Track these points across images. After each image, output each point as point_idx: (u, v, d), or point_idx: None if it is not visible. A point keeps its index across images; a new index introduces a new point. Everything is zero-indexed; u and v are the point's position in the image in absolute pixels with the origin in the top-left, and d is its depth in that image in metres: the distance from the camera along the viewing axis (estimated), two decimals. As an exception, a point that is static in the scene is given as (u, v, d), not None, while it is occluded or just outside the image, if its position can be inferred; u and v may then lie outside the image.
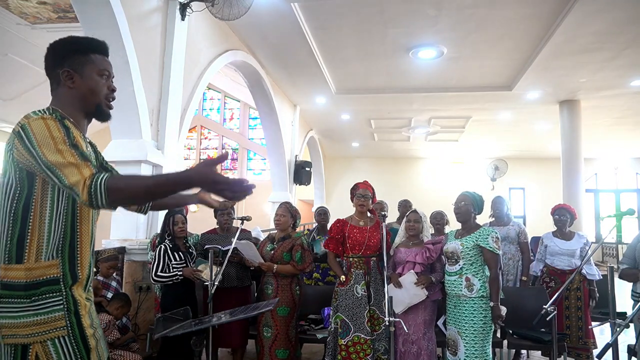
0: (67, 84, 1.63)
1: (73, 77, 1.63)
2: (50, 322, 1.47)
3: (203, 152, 18.26)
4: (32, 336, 1.45)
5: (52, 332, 1.47)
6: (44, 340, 1.46)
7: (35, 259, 1.48)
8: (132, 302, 4.07)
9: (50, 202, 1.51)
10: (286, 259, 3.78)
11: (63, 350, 1.48)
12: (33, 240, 1.49)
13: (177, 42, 4.83)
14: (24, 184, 1.49)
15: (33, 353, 1.45)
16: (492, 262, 3.32)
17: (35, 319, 1.46)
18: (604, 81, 7.97)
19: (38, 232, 1.49)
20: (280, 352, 3.70)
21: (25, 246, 1.48)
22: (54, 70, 1.66)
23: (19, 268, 1.47)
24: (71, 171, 1.40)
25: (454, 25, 6.22)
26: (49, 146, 1.43)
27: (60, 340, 1.48)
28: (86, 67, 1.65)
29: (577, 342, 4.15)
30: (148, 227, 4.58)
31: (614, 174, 15.61)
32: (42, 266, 1.49)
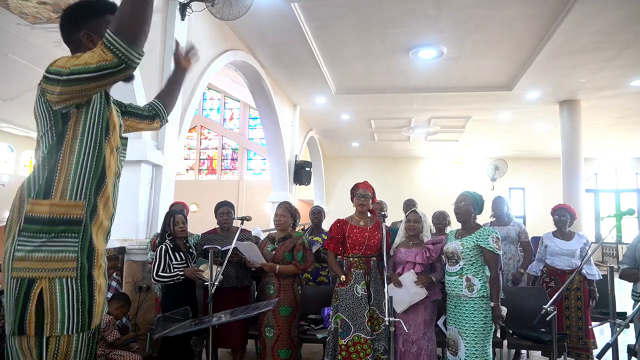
0: (89, 46, 1.63)
1: (93, 38, 1.66)
2: (62, 262, 1.51)
3: (203, 152, 18.27)
4: (40, 271, 1.48)
5: (62, 271, 1.51)
6: (52, 278, 1.49)
7: (60, 196, 1.53)
8: (132, 302, 4.07)
9: (79, 144, 1.57)
10: (288, 258, 3.78)
11: (68, 290, 1.51)
12: (61, 178, 1.54)
13: (177, 42, 4.83)
14: (58, 126, 1.55)
15: (37, 288, 1.48)
16: (493, 262, 3.31)
17: (48, 254, 1.50)
18: (604, 81, 7.98)
19: (66, 170, 1.54)
20: (282, 352, 3.69)
21: (54, 183, 1.53)
22: (72, 34, 1.69)
23: (44, 203, 1.52)
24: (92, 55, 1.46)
25: (454, 25, 6.22)
26: (74, 60, 1.48)
27: (67, 281, 1.51)
28: (103, 28, 1.62)
29: (577, 342, 4.15)
30: (148, 227, 4.58)
31: (614, 174, 15.61)
32: (66, 204, 1.54)
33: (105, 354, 3.43)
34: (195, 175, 18.03)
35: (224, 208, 4.18)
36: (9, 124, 14.03)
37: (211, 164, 18.19)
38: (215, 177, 17.93)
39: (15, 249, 1.50)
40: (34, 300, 1.47)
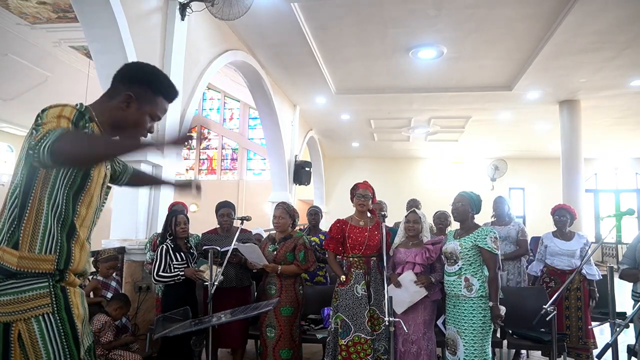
0: (122, 105, 1.64)
1: (130, 103, 1.65)
2: (34, 300, 1.43)
3: (203, 152, 18.27)
4: (14, 314, 1.40)
5: (36, 309, 1.42)
6: (27, 319, 1.41)
7: (29, 249, 1.45)
8: (132, 302, 4.06)
9: (50, 189, 1.49)
10: (289, 259, 3.78)
11: (47, 327, 1.43)
12: (27, 229, 1.45)
13: (177, 42, 4.83)
14: (24, 174, 1.48)
15: (16, 332, 1.40)
16: (491, 262, 3.32)
17: (15, 297, 1.41)
18: (604, 81, 7.97)
19: (34, 223, 1.46)
20: (284, 352, 3.69)
21: (21, 230, 1.45)
22: (120, 85, 1.66)
23: (13, 253, 1.43)
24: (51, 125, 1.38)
25: (454, 25, 6.22)
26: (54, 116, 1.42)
27: (44, 317, 1.43)
28: (146, 104, 1.68)
29: (577, 342, 4.15)
30: (148, 227, 4.58)
31: (613, 174, 15.61)
32: (35, 258, 1.45)
33: (105, 354, 3.43)
34: (195, 175, 18.02)
35: (225, 209, 4.18)
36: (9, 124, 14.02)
37: (211, 164, 18.18)
38: (215, 177, 17.92)
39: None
40: (16, 345, 1.41)
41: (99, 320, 3.44)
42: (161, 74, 1.74)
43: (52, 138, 1.31)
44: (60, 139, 1.31)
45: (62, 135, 1.33)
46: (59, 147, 1.31)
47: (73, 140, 1.36)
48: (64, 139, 1.32)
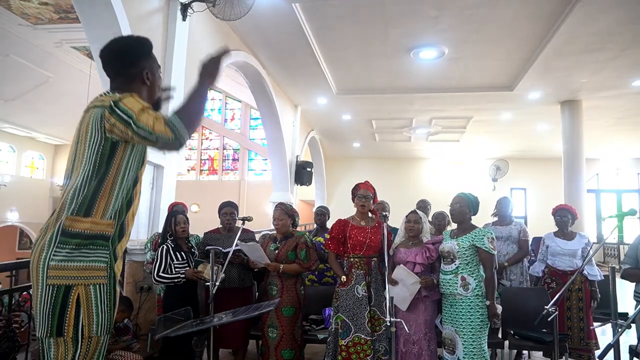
0: (145, 83, 1.90)
1: (149, 75, 1.91)
2: (96, 270, 1.70)
3: (204, 152, 18.28)
4: (78, 279, 1.66)
5: (95, 278, 1.69)
6: (87, 284, 1.67)
7: (101, 216, 1.73)
8: (133, 302, 4.07)
9: (122, 175, 1.77)
10: (291, 257, 3.78)
11: (101, 295, 1.70)
12: (102, 200, 1.73)
13: (179, 43, 4.84)
14: (106, 152, 1.73)
15: (75, 293, 1.65)
16: (488, 262, 3.34)
17: (84, 264, 1.68)
18: (605, 81, 7.97)
19: (107, 195, 1.74)
20: (286, 352, 3.69)
21: (95, 204, 1.72)
22: (128, 68, 1.87)
23: (85, 220, 1.69)
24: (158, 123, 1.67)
25: (455, 25, 6.22)
26: (146, 115, 1.68)
27: (100, 287, 1.70)
28: (154, 66, 1.95)
29: (578, 343, 4.15)
30: (149, 227, 4.59)
31: (615, 174, 15.59)
32: (104, 223, 1.74)
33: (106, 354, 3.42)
34: (197, 176, 18.04)
35: (228, 208, 4.18)
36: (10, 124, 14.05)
37: (212, 164, 18.20)
38: (216, 178, 17.94)
39: (50, 259, 1.64)
40: (73, 305, 1.65)
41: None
42: (142, 38, 1.94)
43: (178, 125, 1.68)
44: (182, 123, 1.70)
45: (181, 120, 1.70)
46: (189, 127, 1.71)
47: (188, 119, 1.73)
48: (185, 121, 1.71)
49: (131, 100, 1.71)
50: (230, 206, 4.21)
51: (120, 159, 1.76)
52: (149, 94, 1.93)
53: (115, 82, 1.88)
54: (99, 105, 1.74)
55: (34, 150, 16.52)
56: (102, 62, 1.90)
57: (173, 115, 1.72)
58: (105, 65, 1.90)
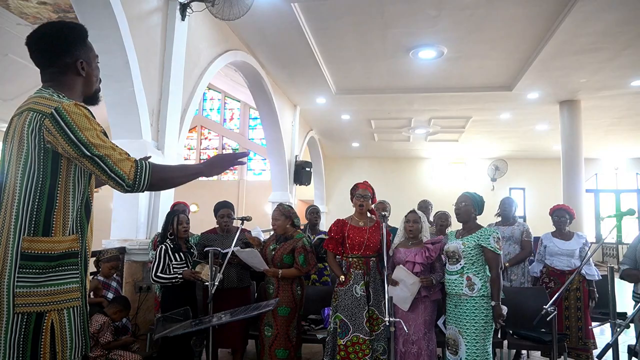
0: (81, 73, 1.72)
1: (84, 66, 1.73)
2: (68, 293, 1.57)
3: (203, 152, 18.27)
4: (50, 304, 1.53)
5: (69, 301, 1.57)
6: (60, 309, 1.55)
7: (62, 233, 1.58)
8: (132, 302, 4.06)
9: (73, 181, 1.61)
10: (286, 261, 3.77)
11: (76, 318, 1.59)
12: (59, 215, 1.58)
13: (177, 42, 4.83)
14: (48, 163, 1.57)
15: (49, 320, 1.52)
16: (493, 262, 3.33)
17: (54, 288, 1.54)
18: (604, 81, 7.97)
19: (64, 208, 1.59)
20: (279, 351, 3.69)
21: (53, 220, 1.56)
22: (60, 58, 1.68)
23: (45, 240, 1.55)
24: (125, 162, 1.59)
25: (454, 25, 6.22)
26: (94, 136, 1.57)
27: (75, 310, 1.59)
28: (90, 55, 1.76)
29: (577, 343, 4.15)
30: (148, 227, 4.58)
31: (614, 174, 15.60)
32: (68, 239, 1.59)
33: (105, 355, 3.42)
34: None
35: (224, 210, 4.17)
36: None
37: (211, 164, 18.17)
38: (215, 177, 17.92)
39: (15, 286, 1.50)
40: (47, 333, 1.52)
41: (97, 321, 3.43)
42: (75, 23, 1.76)
43: (145, 175, 1.61)
44: (152, 175, 1.62)
45: (153, 172, 1.62)
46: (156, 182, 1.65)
47: (163, 176, 1.68)
48: (155, 175, 1.63)
49: (80, 117, 1.56)
50: (227, 207, 4.19)
51: (66, 169, 1.60)
52: (84, 86, 1.76)
53: (45, 73, 1.70)
54: (36, 110, 1.57)
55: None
56: (31, 50, 1.69)
57: (149, 162, 1.63)
58: (33, 54, 1.69)
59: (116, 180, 1.58)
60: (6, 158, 1.63)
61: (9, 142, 1.63)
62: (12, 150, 1.60)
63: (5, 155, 1.64)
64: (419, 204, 5.66)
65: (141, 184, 1.60)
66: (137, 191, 1.63)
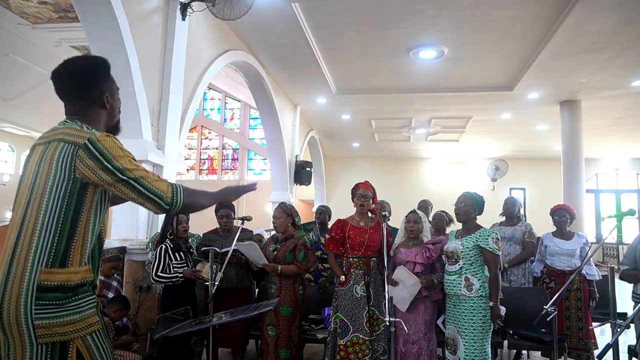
0: (106, 106, 1.80)
1: (108, 99, 1.80)
2: (87, 319, 1.61)
3: (203, 152, 18.27)
4: (73, 333, 1.56)
5: (90, 327, 1.61)
6: (83, 336, 1.59)
7: (79, 264, 1.61)
8: (133, 302, 4.07)
9: (94, 214, 1.67)
10: (289, 259, 3.78)
11: (99, 341, 1.63)
12: (77, 247, 1.61)
13: (178, 42, 4.83)
14: (74, 194, 1.61)
15: (74, 347, 1.56)
16: (492, 263, 3.33)
17: (75, 317, 1.57)
18: (605, 81, 7.97)
19: (82, 239, 1.62)
20: (282, 351, 3.69)
21: (70, 252, 1.59)
22: (87, 92, 1.75)
23: (62, 272, 1.57)
24: (161, 182, 1.69)
25: (454, 25, 6.22)
26: (127, 162, 1.65)
27: (96, 334, 1.63)
28: (113, 87, 1.84)
29: (577, 343, 4.15)
30: (148, 227, 4.58)
31: (614, 174, 15.60)
32: (82, 270, 1.63)
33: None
34: (196, 175, 18.02)
35: (224, 210, 4.17)
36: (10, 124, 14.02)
37: (212, 164, 18.18)
38: (215, 177, 17.92)
39: (34, 318, 1.51)
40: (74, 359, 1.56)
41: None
42: (100, 58, 1.83)
43: (180, 194, 1.71)
44: (185, 196, 1.72)
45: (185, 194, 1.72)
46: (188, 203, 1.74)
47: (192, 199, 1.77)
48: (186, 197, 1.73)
49: (112, 145, 1.63)
50: (226, 208, 4.19)
51: (90, 201, 1.64)
52: (108, 118, 1.83)
53: (71, 105, 1.75)
54: (68, 141, 1.61)
55: (33, 150, 16.51)
56: (58, 85, 1.73)
57: (180, 185, 1.75)
58: (60, 88, 1.74)
59: (154, 200, 1.66)
60: (26, 185, 1.65)
61: (31, 171, 1.65)
62: (38, 179, 1.62)
63: (25, 182, 1.65)
64: (419, 204, 5.65)
65: (178, 203, 1.69)
66: (173, 210, 1.72)
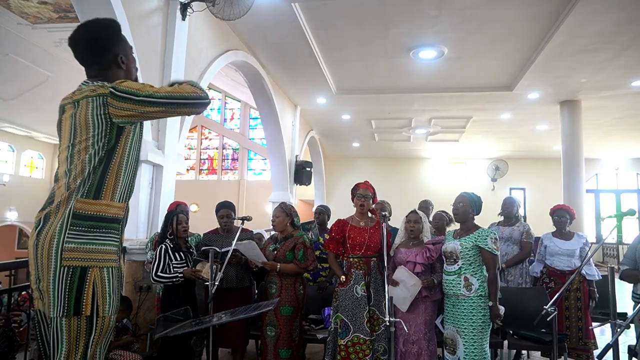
0: (121, 68, 1.89)
1: (123, 59, 1.90)
2: (108, 254, 1.75)
3: (203, 152, 18.28)
4: (93, 261, 1.71)
5: (108, 261, 1.75)
6: (101, 267, 1.72)
7: (111, 198, 1.77)
8: (133, 302, 4.07)
9: (127, 155, 1.81)
10: (289, 258, 3.77)
11: (112, 277, 1.75)
12: (110, 183, 1.77)
13: (178, 42, 4.83)
14: (112, 138, 1.75)
15: (92, 275, 1.69)
16: (491, 263, 3.33)
17: (98, 247, 1.73)
18: (605, 81, 7.97)
19: (114, 177, 1.77)
20: (283, 351, 3.69)
21: (103, 187, 1.75)
22: (102, 56, 1.85)
23: (95, 203, 1.74)
24: (185, 87, 1.79)
25: (454, 25, 6.22)
26: (150, 88, 1.74)
27: (112, 270, 1.76)
28: (126, 48, 1.93)
29: (577, 343, 4.15)
30: (148, 227, 4.58)
31: (614, 174, 15.60)
32: (115, 205, 1.79)
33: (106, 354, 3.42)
34: (196, 175, 18.03)
35: (224, 210, 4.16)
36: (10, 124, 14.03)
37: (211, 164, 18.19)
38: (215, 177, 17.94)
39: (65, 241, 1.67)
40: (90, 285, 1.69)
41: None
42: (111, 20, 1.93)
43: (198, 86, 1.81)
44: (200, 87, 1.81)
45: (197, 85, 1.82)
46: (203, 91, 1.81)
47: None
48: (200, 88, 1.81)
49: (130, 84, 1.75)
50: (227, 208, 4.19)
51: (124, 143, 1.79)
52: (126, 76, 1.91)
53: (91, 69, 1.88)
54: (92, 95, 1.73)
55: (33, 150, 16.48)
56: (74, 52, 1.87)
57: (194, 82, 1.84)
58: (77, 54, 1.87)
59: (193, 103, 1.77)
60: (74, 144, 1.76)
61: (72, 130, 1.76)
62: (78, 136, 1.75)
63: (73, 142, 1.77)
64: (420, 204, 5.64)
65: (205, 94, 1.81)
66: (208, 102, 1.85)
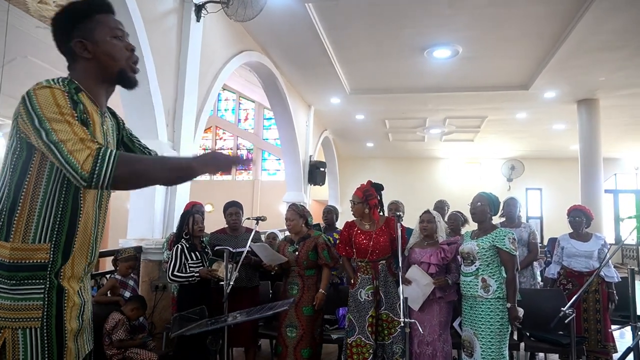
0: (84, 55, 1.47)
1: (86, 46, 1.46)
2: (25, 310, 1.32)
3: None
4: (3, 320, 1.31)
5: (24, 320, 1.32)
6: (14, 328, 1.31)
7: (22, 239, 1.34)
8: (149, 301, 4.10)
9: (47, 179, 1.36)
10: (312, 258, 3.78)
11: (32, 342, 1.33)
12: (21, 218, 1.34)
13: (193, 44, 4.87)
14: (22, 156, 1.36)
15: (1, 338, 1.31)
16: (509, 264, 3.29)
17: (9, 303, 1.32)
18: (624, 79, 7.83)
19: (28, 210, 1.35)
20: (305, 351, 3.69)
21: (13, 223, 1.34)
22: (65, 44, 1.48)
23: (4, 246, 1.33)
24: (80, 151, 1.27)
25: (469, 24, 6.17)
26: (56, 122, 1.29)
27: (31, 332, 1.33)
28: (96, 32, 1.47)
29: (595, 346, 4.09)
30: (164, 226, 4.62)
31: (634, 174, 15.31)
32: (31, 248, 1.35)
33: (122, 352, 3.46)
34: (210, 176, 18.14)
35: (233, 208, 4.18)
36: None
37: (226, 165, 18.28)
38: (230, 177, 18.03)
39: None
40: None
41: (113, 319, 3.48)
42: (70, 4, 1.50)
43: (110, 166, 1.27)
44: (118, 168, 1.28)
45: (119, 165, 1.28)
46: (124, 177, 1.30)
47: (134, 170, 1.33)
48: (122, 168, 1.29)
49: (45, 97, 1.32)
50: (235, 206, 4.20)
51: (39, 164, 1.36)
52: (99, 69, 1.49)
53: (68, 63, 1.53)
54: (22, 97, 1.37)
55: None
56: None
57: (115, 152, 1.30)
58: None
59: (70, 173, 1.27)
60: None
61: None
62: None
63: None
64: (436, 204, 5.61)
65: (100, 179, 1.26)
66: (95, 187, 1.28)
